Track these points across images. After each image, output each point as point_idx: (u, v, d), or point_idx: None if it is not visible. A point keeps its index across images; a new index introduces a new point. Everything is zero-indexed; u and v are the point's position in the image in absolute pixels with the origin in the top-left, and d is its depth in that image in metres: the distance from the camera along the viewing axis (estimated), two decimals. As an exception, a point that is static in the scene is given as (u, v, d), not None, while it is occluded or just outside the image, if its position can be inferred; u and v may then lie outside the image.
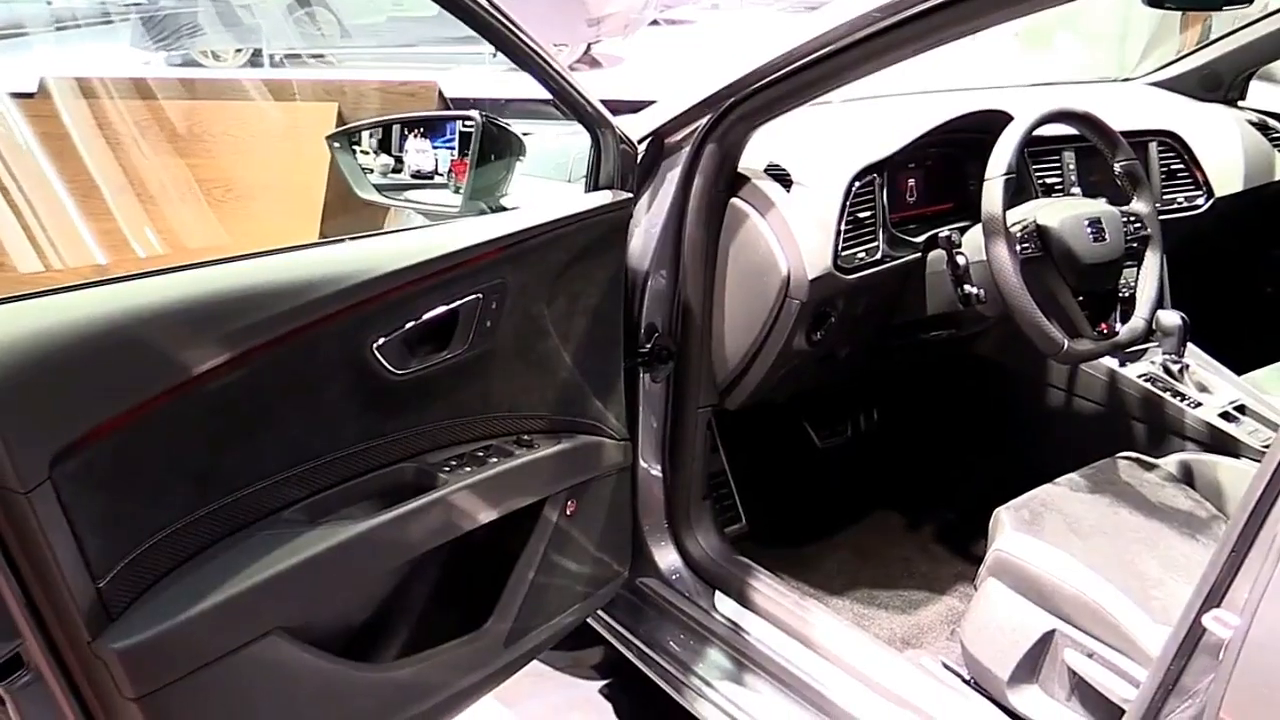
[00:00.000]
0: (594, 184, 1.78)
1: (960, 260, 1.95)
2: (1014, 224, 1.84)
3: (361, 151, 2.09)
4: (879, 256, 1.97)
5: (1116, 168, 2.00)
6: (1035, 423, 2.40)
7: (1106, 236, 1.89)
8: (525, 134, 1.93)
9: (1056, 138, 2.25)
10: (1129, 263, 1.97)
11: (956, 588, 2.28)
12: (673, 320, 1.93)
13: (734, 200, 1.91)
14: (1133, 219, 1.97)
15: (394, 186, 2.06)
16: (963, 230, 2.01)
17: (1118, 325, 1.93)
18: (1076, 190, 2.19)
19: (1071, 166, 2.27)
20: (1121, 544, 1.78)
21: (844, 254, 1.90)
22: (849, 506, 2.57)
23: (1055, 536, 1.78)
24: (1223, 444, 2.10)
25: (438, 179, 2.07)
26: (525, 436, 1.67)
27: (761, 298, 1.89)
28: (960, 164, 2.19)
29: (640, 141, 1.84)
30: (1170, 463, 2.02)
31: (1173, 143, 2.47)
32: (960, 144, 2.16)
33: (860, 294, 1.96)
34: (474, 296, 1.52)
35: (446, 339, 1.51)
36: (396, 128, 2.12)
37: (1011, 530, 1.79)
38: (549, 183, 2.07)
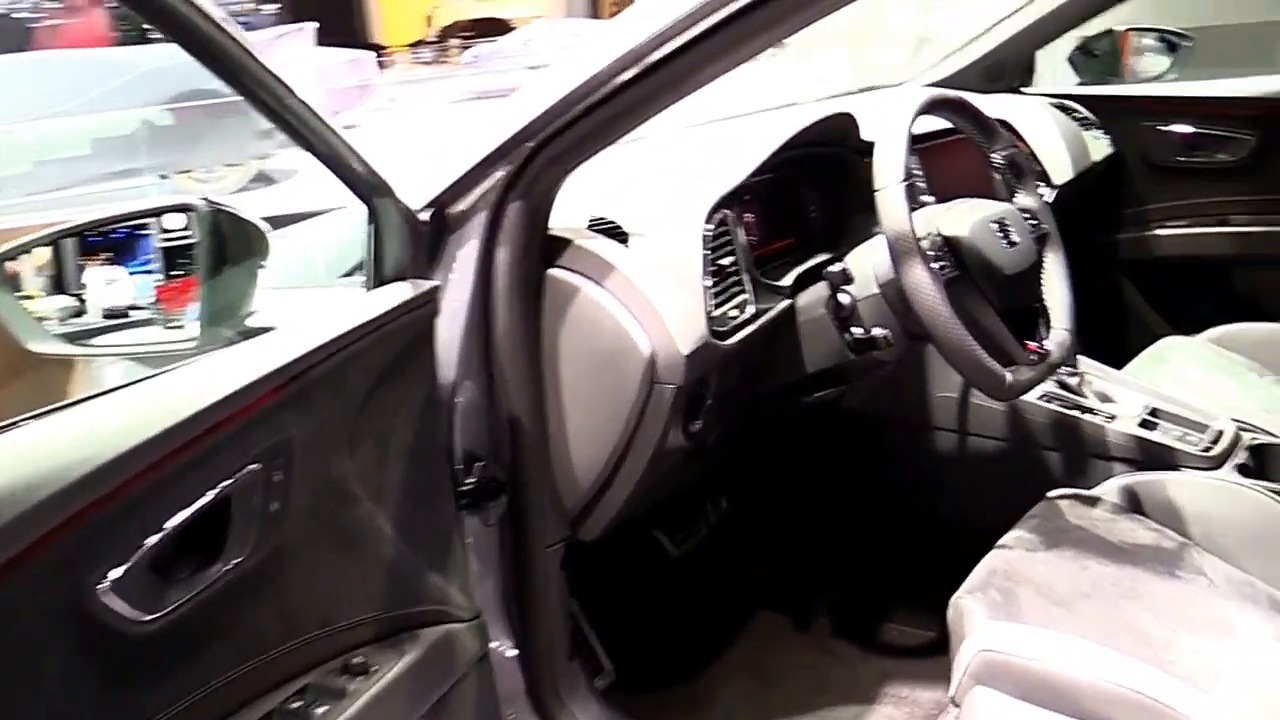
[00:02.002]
0: (377, 276, 1.28)
1: (844, 299, 1.56)
2: (918, 239, 1.47)
3: (25, 297, 1.50)
4: (753, 311, 1.56)
5: (997, 159, 1.68)
6: (927, 476, 2.05)
7: (1017, 239, 1.56)
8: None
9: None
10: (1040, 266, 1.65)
11: (888, 692, 1.89)
12: (497, 441, 1.45)
13: (553, 272, 1.46)
14: (1028, 216, 1.65)
15: (85, 334, 1.49)
16: (831, 262, 1.64)
17: (1046, 343, 1.59)
18: (929, 197, 1.88)
19: (917, 169, 1.96)
20: (1108, 604, 1.46)
21: (715, 315, 1.48)
22: (726, 617, 2.14)
23: (1038, 615, 1.42)
24: (1157, 457, 1.82)
25: (139, 314, 1.52)
26: (355, 659, 1.13)
27: (617, 390, 1.44)
28: (793, 190, 1.83)
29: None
30: (1110, 491, 1.71)
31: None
32: (792, 165, 1.79)
33: (734, 362, 1.55)
34: (249, 469, 0.98)
35: (218, 543, 0.97)
36: (70, 259, 1.55)
37: (987, 619, 1.41)
38: (305, 291, 1.55)
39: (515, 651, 1.53)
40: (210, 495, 0.94)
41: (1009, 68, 2.56)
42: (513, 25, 17.16)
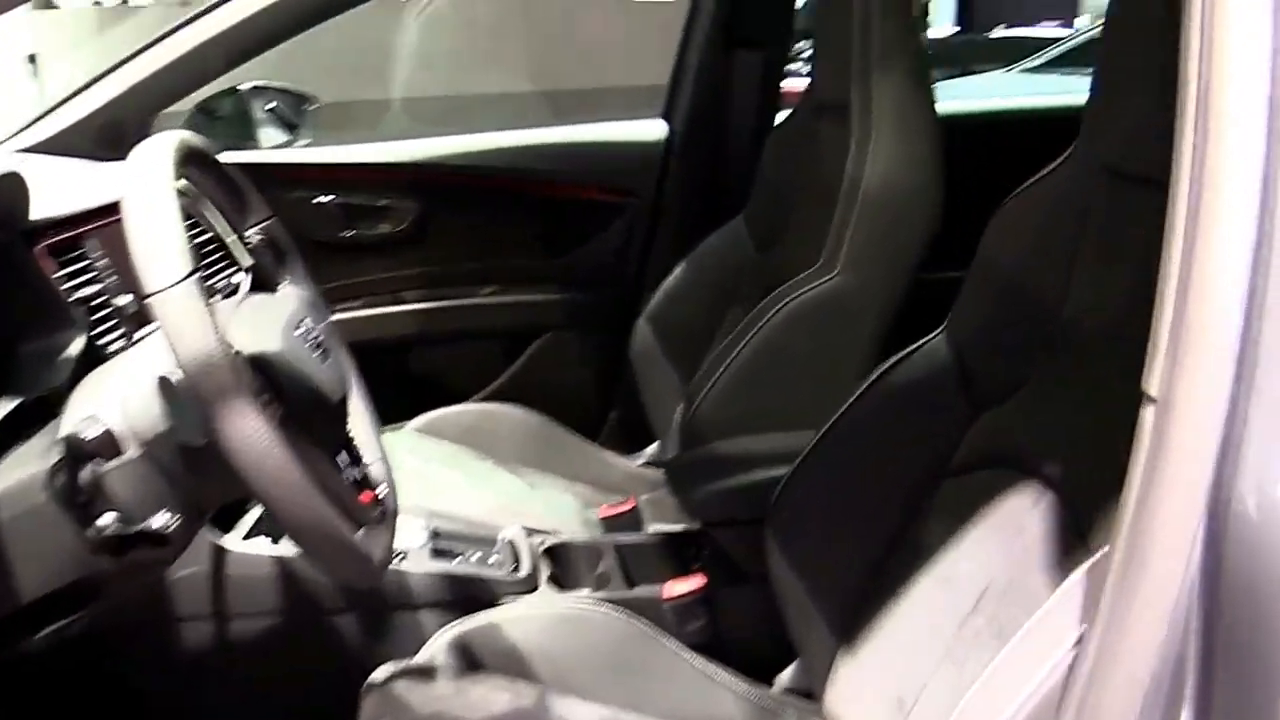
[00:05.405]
0: None
1: (84, 475, 0.96)
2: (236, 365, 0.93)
3: None
4: None
5: (254, 238, 1.19)
6: (188, 682, 1.46)
7: (328, 349, 1.10)
8: None
9: (69, 219, 1.33)
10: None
11: None
12: None
13: None
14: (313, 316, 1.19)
15: None
16: (42, 417, 1.02)
17: (378, 489, 1.14)
18: (123, 299, 1.31)
19: (102, 259, 1.37)
20: None
21: None
22: None
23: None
24: (470, 594, 1.49)
25: None
26: None
27: None
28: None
29: None
30: (440, 654, 1.34)
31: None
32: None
33: None
34: None
35: None
36: None
37: None
38: None
39: None
40: None
41: (130, 132, 2.00)
42: None
